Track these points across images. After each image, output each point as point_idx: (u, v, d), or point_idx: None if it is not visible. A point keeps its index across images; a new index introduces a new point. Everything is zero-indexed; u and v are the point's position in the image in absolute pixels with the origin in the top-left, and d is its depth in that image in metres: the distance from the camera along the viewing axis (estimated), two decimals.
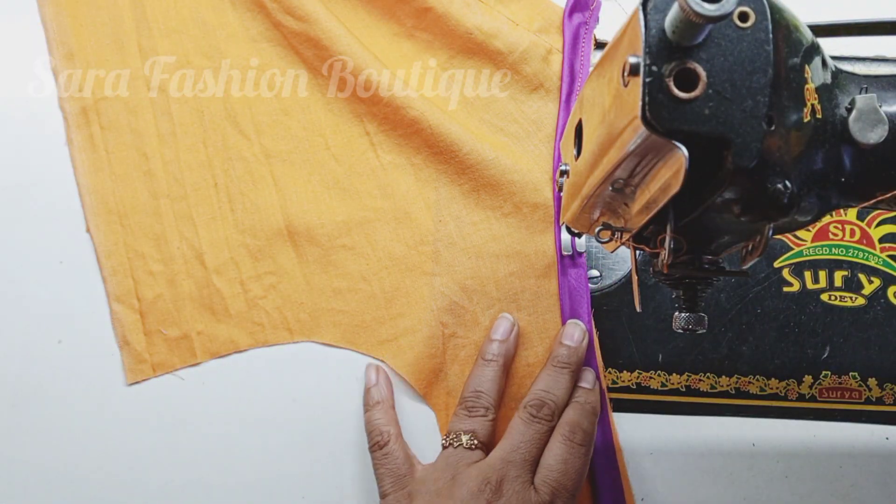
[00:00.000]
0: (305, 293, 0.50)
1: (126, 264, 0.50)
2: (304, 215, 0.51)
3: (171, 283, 0.50)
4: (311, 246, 0.51)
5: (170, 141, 0.52)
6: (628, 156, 0.28)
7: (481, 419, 0.45)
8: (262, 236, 0.51)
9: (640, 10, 0.25)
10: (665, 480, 0.48)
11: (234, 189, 0.51)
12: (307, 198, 0.51)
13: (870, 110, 0.29)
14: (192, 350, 0.50)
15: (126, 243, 0.51)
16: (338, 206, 0.51)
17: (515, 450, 0.43)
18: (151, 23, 0.53)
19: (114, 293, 0.50)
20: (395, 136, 0.52)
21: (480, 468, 0.42)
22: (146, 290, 0.50)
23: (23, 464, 0.49)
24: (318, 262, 0.51)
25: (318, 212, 0.51)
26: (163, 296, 0.50)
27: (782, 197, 0.27)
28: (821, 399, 0.50)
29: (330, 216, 0.51)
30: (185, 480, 0.49)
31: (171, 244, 0.51)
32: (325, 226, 0.51)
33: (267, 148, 0.52)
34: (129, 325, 0.50)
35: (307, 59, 0.52)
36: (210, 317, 0.50)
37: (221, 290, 0.50)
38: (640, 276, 0.48)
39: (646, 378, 0.50)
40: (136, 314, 0.50)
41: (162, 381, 0.50)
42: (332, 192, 0.51)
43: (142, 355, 0.50)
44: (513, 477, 0.42)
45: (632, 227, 0.33)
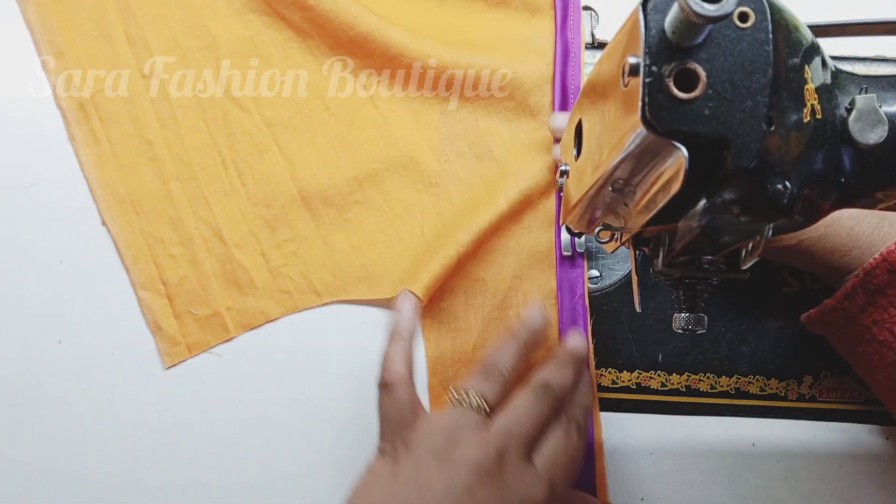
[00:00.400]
0: (327, 255, 0.51)
1: (146, 251, 0.51)
2: (314, 178, 0.52)
3: (193, 263, 0.51)
4: (325, 208, 0.51)
5: (170, 124, 0.52)
6: (628, 156, 0.28)
7: (495, 384, 0.43)
8: (277, 205, 0.51)
9: (639, 10, 0.25)
10: (665, 480, 0.48)
11: (241, 163, 0.52)
12: (315, 161, 0.52)
13: (870, 110, 0.29)
14: (225, 326, 0.50)
15: (143, 230, 0.51)
16: (346, 164, 0.52)
17: (519, 423, 0.41)
18: (136, 10, 0.53)
19: (138, 281, 0.51)
20: (391, 84, 0.53)
21: (481, 435, 0.40)
22: (170, 274, 0.51)
23: (23, 464, 0.49)
24: (334, 223, 0.51)
25: (328, 173, 0.52)
26: (187, 277, 0.51)
27: (782, 197, 0.27)
28: (821, 399, 0.50)
29: (340, 175, 0.52)
30: (185, 480, 0.49)
31: (188, 225, 0.51)
32: (336, 185, 0.51)
33: (267, 118, 0.52)
34: (158, 310, 0.50)
35: (295, 24, 0.53)
36: (237, 291, 0.51)
37: (244, 264, 0.51)
38: (640, 276, 0.48)
39: (646, 378, 0.50)
40: (163, 298, 0.50)
41: (162, 382, 0.50)
42: (338, 150, 0.52)
43: (175, 338, 0.50)
44: (513, 451, 0.40)
45: (632, 227, 0.33)
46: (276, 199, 0.51)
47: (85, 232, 0.51)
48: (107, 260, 0.51)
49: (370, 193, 0.52)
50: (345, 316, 0.51)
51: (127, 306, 0.51)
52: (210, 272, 0.51)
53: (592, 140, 0.32)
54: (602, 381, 0.50)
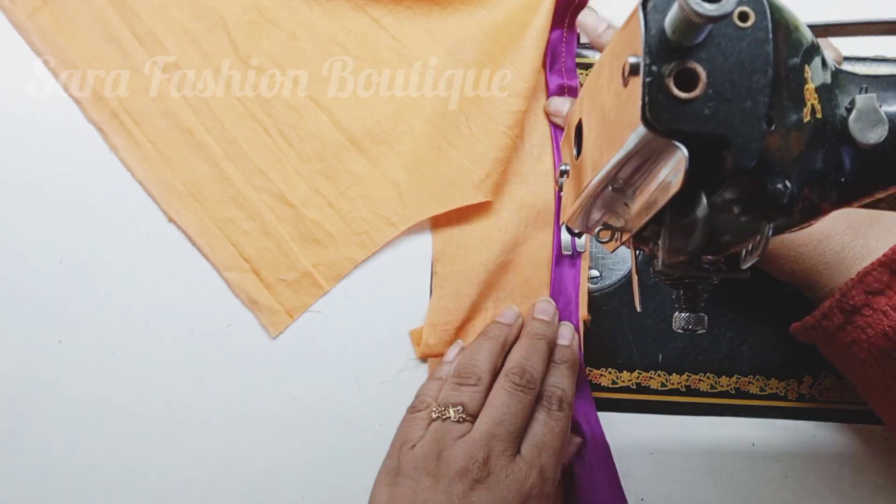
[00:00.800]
0: (390, 187, 0.52)
1: (219, 235, 0.52)
2: (357, 122, 0.53)
3: (267, 234, 0.52)
4: (376, 146, 0.53)
5: (204, 110, 0.53)
6: (628, 156, 0.28)
7: (471, 389, 0.44)
8: (329, 156, 0.52)
9: (639, 10, 0.25)
10: (665, 480, 0.48)
11: (283, 126, 0.53)
12: (352, 105, 0.53)
13: (870, 110, 0.29)
14: (316, 283, 0.51)
15: (210, 216, 0.52)
16: (382, 100, 0.53)
17: (500, 423, 0.42)
18: (135, 9, 0.53)
19: (221, 264, 0.51)
20: (395, 8, 0.54)
21: (466, 445, 0.42)
22: (249, 250, 0.51)
23: (23, 464, 0.49)
24: (388, 157, 0.53)
25: (369, 113, 0.53)
26: (266, 248, 0.51)
27: (782, 197, 0.27)
28: (821, 399, 0.50)
29: (381, 112, 0.53)
30: (185, 480, 0.49)
31: (251, 199, 0.52)
32: (380, 123, 0.53)
33: (293, 77, 0.53)
34: (249, 286, 0.51)
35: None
36: (317, 247, 0.52)
37: (316, 220, 0.52)
38: (640, 276, 0.48)
39: (646, 378, 0.50)
40: (250, 274, 0.51)
41: (162, 382, 0.50)
42: (370, 90, 0.53)
43: (273, 307, 0.51)
44: (499, 452, 0.41)
45: (632, 227, 0.33)
46: (326, 150, 0.52)
47: (85, 232, 0.51)
48: (107, 260, 0.51)
49: (414, 122, 0.53)
50: (345, 315, 0.51)
51: (127, 306, 0.51)
52: (286, 237, 0.52)
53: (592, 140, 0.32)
54: (602, 381, 0.50)
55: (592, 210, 0.35)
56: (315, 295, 0.51)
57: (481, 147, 0.51)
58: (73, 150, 0.52)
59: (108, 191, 0.52)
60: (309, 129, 0.52)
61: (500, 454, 0.41)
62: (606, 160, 0.29)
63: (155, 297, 0.51)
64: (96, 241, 0.51)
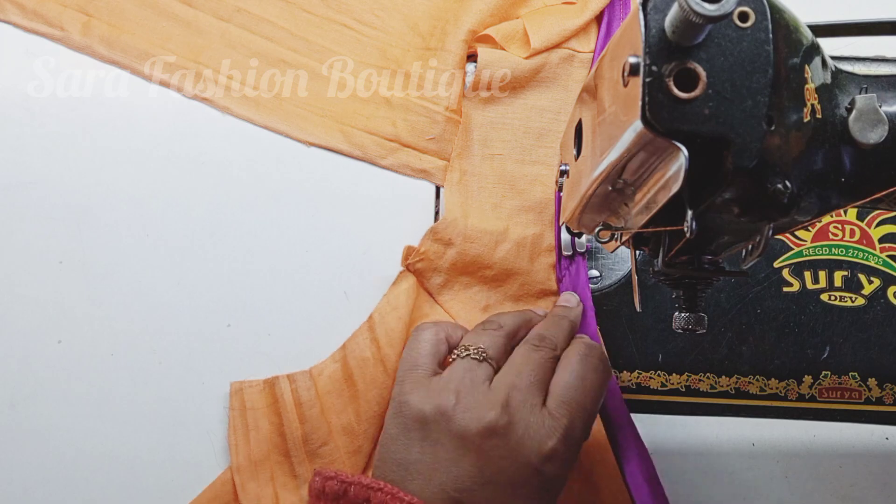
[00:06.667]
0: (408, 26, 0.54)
1: (358, 132, 0.52)
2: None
3: (392, 108, 0.53)
4: None
5: (296, 41, 0.54)
6: (628, 156, 0.28)
7: (493, 333, 0.43)
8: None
9: (640, 10, 0.25)
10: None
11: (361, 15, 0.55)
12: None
13: (870, 110, 0.29)
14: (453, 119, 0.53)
15: (341, 123, 0.53)
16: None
17: (519, 374, 0.40)
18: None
19: (376, 154, 0.52)
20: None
21: (484, 396, 0.39)
22: (388, 130, 0.53)
23: (23, 464, 0.49)
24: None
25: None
26: (402, 119, 0.53)
27: (782, 197, 0.27)
28: (821, 399, 0.50)
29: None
30: (185, 480, 0.49)
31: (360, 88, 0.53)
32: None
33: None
34: (410, 160, 0.52)
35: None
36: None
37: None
38: (640, 276, 0.48)
39: (646, 378, 0.50)
40: (403, 149, 0.53)
41: (161, 381, 0.50)
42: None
43: (438, 165, 0.52)
44: (518, 402, 0.39)
45: (632, 227, 0.33)
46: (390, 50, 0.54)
47: (85, 232, 0.51)
48: (107, 260, 0.51)
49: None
50: (345, 315, 0.51)
51: (127, 306, 0.51)
52: (411, 101, 0.53)
53: (592, 140, 0.32)
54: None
55: (592, 210, 0.35)
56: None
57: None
58: (73, 150, 0.52)
59: (108, 191, 0.52)
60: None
61: (521, 404, 0.39)
62: (606, 160, 0.29)
63: (155, 297, 0.51)
64: (96, 241, 0.51)
